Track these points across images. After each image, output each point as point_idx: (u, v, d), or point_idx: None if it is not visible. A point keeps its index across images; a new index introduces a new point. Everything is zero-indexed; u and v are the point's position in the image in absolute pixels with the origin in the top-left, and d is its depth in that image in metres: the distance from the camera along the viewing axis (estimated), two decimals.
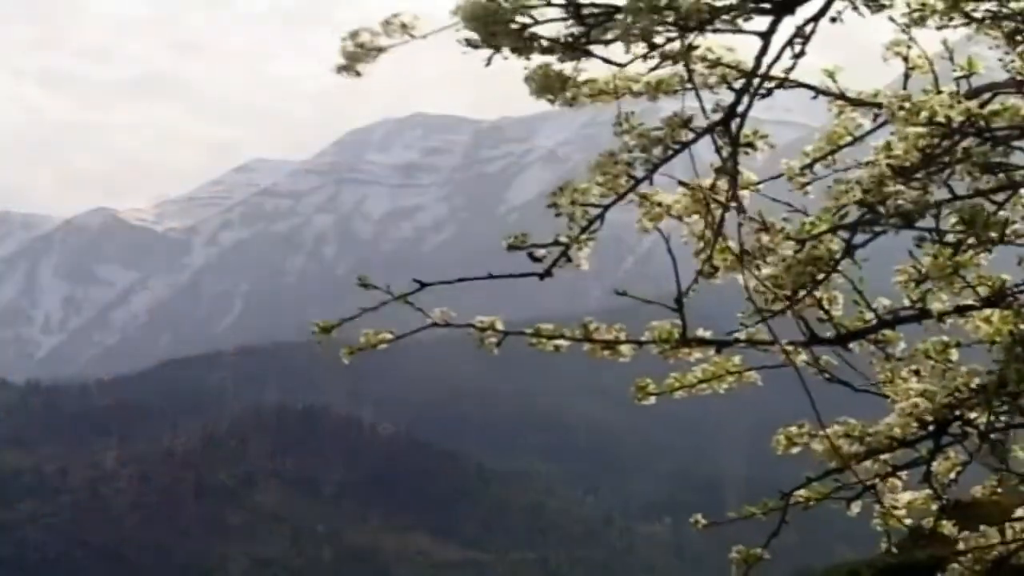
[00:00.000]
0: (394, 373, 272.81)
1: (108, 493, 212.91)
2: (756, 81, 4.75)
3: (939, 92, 4.80)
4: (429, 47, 4.69)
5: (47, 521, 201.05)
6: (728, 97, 4.80)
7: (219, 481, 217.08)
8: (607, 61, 4.72)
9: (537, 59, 4.67)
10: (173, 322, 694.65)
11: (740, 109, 4.82)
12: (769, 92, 4.78)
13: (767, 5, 4.60)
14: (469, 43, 4.62)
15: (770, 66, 4.72)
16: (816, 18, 4.63)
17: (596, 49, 4.67)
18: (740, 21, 4.60)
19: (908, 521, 5.72)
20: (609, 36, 4.60)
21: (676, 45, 4.61)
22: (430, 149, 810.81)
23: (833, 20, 4.61)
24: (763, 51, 4.70)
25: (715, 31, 4.61)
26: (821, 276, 5.15)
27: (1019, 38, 4.80)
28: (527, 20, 4.52)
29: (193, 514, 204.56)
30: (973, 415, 5.39)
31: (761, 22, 4.64)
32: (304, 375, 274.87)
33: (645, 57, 4.62)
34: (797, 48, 4.64)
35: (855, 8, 4.58)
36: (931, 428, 5.48)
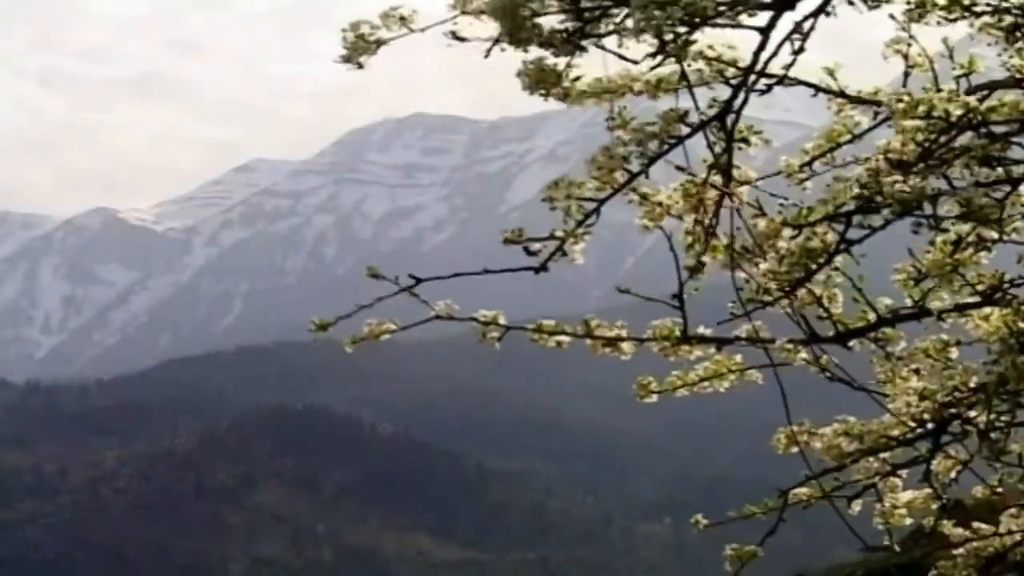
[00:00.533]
0: (394, 373, 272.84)
1: (108, 493, 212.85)
2: (753, 77, 4.73)
3: (939, 90, 4.79)
4: (429, 47, 4.68)
5: (47, 521, 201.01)
6: (724, 93, 4.79)
7: (219, 481, 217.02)
8: (621, 56, 4.67)
9: (534, 53, 4.65)
10: (173, 322, 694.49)
11: (736, 105, 4.80)
12: (768, 89, 4.76)
13: (768, 0, 4.59)
14: (455, 36, 4.61)
15: (767, 62, 4.71)
16: (816, 14, 4.62)
17: (593, 44, 4.65)
18: (744, 16, 4.58)
19: (908, 521, 5.71)
20: (608, 29, 4.58)
21: (680, 40, 4.58)
22: (430, 149, 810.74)
23: (827, 14, 4.59)
24: (761, 47, 4.68)
25: (715, 26, 4.59)
26: (815, 268, 5.11)
27: (1019, 34, 4.79)
28: (526, 13, 4.50)
29: (193, 514, 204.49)
30: (973, 413, 5.38)
31: (760, 18, 4.63)
32: (304, 375, 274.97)
33: (655, 54, 4.59)
34: (796, 45, 4.63)
35: (851, 3, 4.57)
36: (931, 427, 5.46)
